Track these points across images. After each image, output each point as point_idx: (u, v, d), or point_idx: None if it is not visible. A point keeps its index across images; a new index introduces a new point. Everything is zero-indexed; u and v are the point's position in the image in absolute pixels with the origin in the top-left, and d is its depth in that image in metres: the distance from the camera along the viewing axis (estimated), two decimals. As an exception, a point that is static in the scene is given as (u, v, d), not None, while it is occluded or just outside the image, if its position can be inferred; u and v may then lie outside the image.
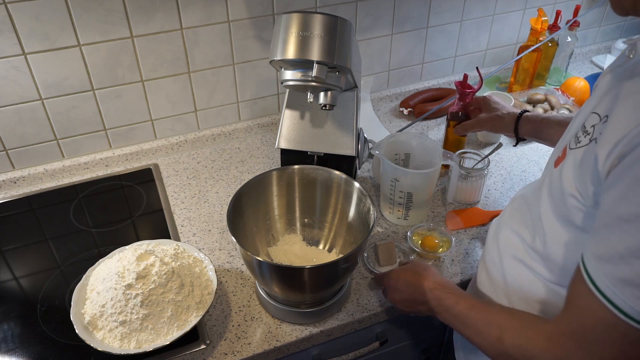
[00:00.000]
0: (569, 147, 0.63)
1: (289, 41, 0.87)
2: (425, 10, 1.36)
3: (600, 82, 0.66)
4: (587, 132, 0.60)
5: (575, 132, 0.63)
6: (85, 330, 0.79)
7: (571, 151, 0.62)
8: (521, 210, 0.76)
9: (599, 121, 0.58)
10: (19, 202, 1.14)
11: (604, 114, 0.58)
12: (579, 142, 0.61)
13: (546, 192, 0.67)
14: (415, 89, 1.48)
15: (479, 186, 1.10)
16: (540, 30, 1.37)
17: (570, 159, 0.62)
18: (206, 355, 0.83)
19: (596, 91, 0.65)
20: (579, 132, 0.62)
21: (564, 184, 0.62)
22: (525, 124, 0.98)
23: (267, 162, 1.26)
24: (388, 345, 1.03)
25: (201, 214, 1.11)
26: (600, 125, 0.58)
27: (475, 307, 0.71)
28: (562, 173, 0.62)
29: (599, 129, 0.57)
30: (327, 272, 0.81)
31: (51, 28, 1.03)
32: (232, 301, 0.92)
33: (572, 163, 0.61)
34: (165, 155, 1.28)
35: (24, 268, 1.00)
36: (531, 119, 0.98)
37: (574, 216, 0.61)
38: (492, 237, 0.82)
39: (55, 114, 1.13)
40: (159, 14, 1.10)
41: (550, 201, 0.66)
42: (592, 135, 0.58)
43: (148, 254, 0.84)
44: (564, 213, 0.63)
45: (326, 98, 0.93)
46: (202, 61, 1.20)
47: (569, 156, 0.62)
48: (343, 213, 0.97)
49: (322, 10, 1.24)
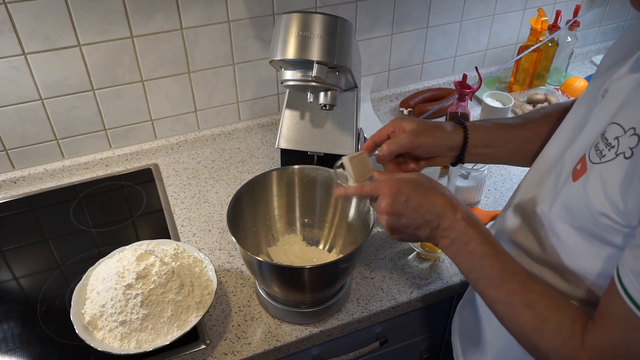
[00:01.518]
0: (590, 159, 0.57)
1: (289, 41, 0.87)
2: (425, 10, 1.36)
3: (613, 87, 0.60)
4: (611, 145, 0.55)
5: (593, 143, 0.58)
6: (85, 330, 0.79)
7: (595, 166, 0.56)
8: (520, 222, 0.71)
9: (624, 134, 0.54)
10: (19, 202, 1.14)
11: (630, 126, 0.54)
12: (603, 156, 0.55)
13: (561, 207, 0.61)
14: (415, 89, 1.48)
15: (479, 186, 1.10)
16: (540, 30, 1.37)
17: (595, 175, 0.56)
18: (206, 355, 0.83)
19: (610, 98, 0.60)
20: (599, 143, 0.57)
21: (591, 203, 0.56)
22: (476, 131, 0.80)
23: (267, 162, 1.26)
24: (388, 345, 1.03)
25: (201, 214, 1.11)
26: (627, 138, 0.53)
27: (508, 272, 0.62)
28: (587, 190, 0.57)
29: (626, 142, 0.53)
30: (327, 272, 0.81)
31: (51, 28, 1.03)
32: (232, 301, 0.92)
33: (599, 180, 0.55)
34: (165, 155, 1.28)
35: (24, 268, 1.00)
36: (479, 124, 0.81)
37: (608, 235, 0.57)
38: None
39: (55, 114, 1.13)
40: (159, 14, 1.10)
41: (570, 218, 0.60)
42: (619, 149, 0.54)
43: (148, 254, 0.84)
44: (592, 231, 0.58)
45: (326, 98, 0.93)
46: (202, 61, 1.20)
47: (593, 171, 0.56)
48: (343, 213, 0.97)
49: (322, 10, 1.24)
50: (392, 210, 0.67)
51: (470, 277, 0.66)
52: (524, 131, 0.81)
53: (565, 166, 0.63)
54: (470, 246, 0.65)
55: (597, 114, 0.61)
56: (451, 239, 0.66)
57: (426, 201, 0.67)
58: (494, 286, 0.63)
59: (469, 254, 0.65)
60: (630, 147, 0.53)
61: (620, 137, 0.54)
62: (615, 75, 0.61)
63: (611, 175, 0.54)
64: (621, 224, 0.54)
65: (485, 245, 0.65)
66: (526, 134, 0.81)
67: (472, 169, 1.08)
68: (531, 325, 0.59)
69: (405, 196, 0.67)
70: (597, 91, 0.64)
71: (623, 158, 0.53)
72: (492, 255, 0.64)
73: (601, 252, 0.58)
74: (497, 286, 0.62)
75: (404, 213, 0.67)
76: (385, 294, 0.93)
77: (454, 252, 0.67)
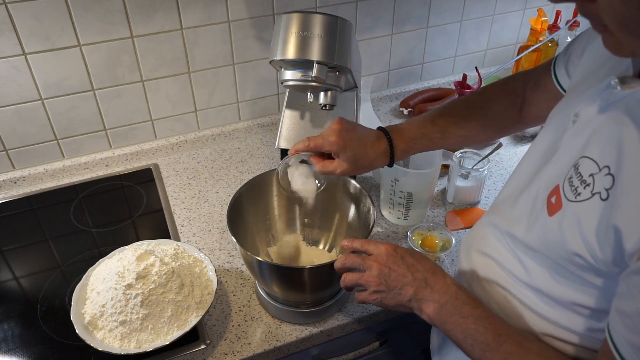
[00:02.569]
0: (565, 195, 0.57)
1: (289, 41, 0.87)
2: (425, 10, 1.36)
3: (584, 113, 0.59)
4: (587, 183, 0.54)
5: (566, 175, 0.58)
6: (86, 330, 0.79)
7: (570, 204, 0.56)
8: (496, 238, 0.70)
9: (599, 171, 0.53)
10: (19, 202, 1.14)
11: (604, 164, 0.53)
12: (579, 195, 0.55)
13: (537, 238, 0.61)
14: (415, 89, 1.48)
15: (479, 186, 1.10)
16: (540, 30, 1.37)
17: (571, 214, 0.55)
18: (206, 355, 0.83)
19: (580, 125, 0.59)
20: (573, 178, 0.56)
21: (567, 242, 0.55)
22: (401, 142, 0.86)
23: (267, 162, 1.26)
24: (388, 345, 1.03)
25: (201, 214, 1.11)
26: (602, 177, 0.53)
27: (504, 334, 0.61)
28: (563, 229, 0.56)
29: (601, 182, 0.52)
30: (327, 272, 0.81)
31: (51, 28, 1.03)
32: (232, 301, 0.92)
33: (575, 220, 0.55)
34: (165, 155, 1.28)
35: (24, 268, 1.00)
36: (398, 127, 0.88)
37: (585, 274, 0.56)
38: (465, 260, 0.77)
39: (55, 114, 1.13)
40: (159, 14, 1.10)
41: (546, 250, 0.60)
42: (594, 188, 0.53)
43: (148, 254, 0.84)
44: (569, 268, 0.57)
45: (326, 98, 0.93)
46: (202, 61, 1.20)
47: (568, 210, 0.56)
48: (343, 213, 0.97)
49: (322, 10, 1.24)
50: (386, 262, 0.69)
51: (465, 343, 0.64)
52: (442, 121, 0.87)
53: (538, 192, 0.62)
54: (464, 310, 0.64)
55: (569, 142, 0.60)
56: (441, 303, 0.65)
57: (419, 263, 0.69)
58: (492, 350, 0.61)
59: (462, 318, 0.63)
60: (605, 188, 0.52)
61: (596, 175, 0.54)
62: (585, 99, 0.60)
63: (587, 216, 0.53)
64: (595, 267, 0.54)
65: (479, 309, 0.64)
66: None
67: (472, 168, 1.08)
68: None
69: (401, 253, 0.70)
70: (568, 113, 0.63)
71: (599, 199, 0.53)
72: (487, 319, 0.63)
73: (581, 287, 0.58)
74: (494, 349, 0.61)
75: (395, 268, 0.69)
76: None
77: (444, 318, 0.65)
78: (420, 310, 0.67)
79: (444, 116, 0.88)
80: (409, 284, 0.67)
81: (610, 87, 0.55)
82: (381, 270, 0.69)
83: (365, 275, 0.70)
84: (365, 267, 0.71)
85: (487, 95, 0.90)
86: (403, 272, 0.68)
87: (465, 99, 0.91)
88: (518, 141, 1.31)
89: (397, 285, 0.68)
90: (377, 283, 0.69)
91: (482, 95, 0.91)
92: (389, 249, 0.71)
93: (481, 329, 0.62)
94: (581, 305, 0.59)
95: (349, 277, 0.73)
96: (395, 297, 0.68)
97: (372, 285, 0.69)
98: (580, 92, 0.64)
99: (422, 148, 0.89)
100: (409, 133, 0.87)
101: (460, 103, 0.91)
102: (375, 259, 0.70)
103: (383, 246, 0.71)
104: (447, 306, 0.65)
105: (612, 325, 0.51)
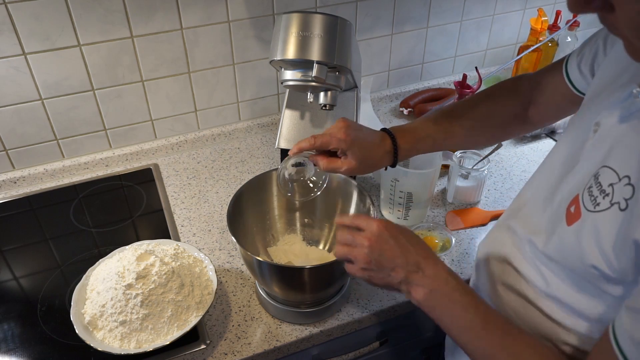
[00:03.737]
0: (584, 205, 0.56)
1: (289, 41, 0.87)
2: (425, 10, 1.36)
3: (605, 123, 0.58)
4: (606, 193, 0.53)
5: (586, 185, 0.57)
6: (85, 330, 0.79)
7: (590, 214, 0.55)
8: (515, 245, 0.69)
9: (618, 181, 0.53)
10: (19, 202, 1.14)
11: (624, 174, 0.52)
12: (597, 205, 0.54)
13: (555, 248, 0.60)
14: (415, 89, 1.48)
15: (479, 186, 1.10)
16: (540, 30, 1.37)
17: (589, 224, 0.55)
18: (206, 355, 0.83)
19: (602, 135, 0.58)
20: (592, 188, 0.55)
21: (584, 253, 0.55)
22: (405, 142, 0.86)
23: (267, 162, 1.26)
24: (388, 345, 1.03)
25: (201, 214, 1.11)
26: (621, 187, 0.52)
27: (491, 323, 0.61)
28: (581, 239, 0.55)
29: (621, 192, 0.52)
30: (327, 272, 0.81)
31: (51, 28, 1.03)
32: (232, 301, 0.92)
33: (593, 231, 0.54)
34: (165, 155, 1.28)
35: (24, 268, 1.00)
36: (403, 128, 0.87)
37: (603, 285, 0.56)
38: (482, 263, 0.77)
39: (55, 114, 1.13)
40: (159, 14, 1.10)
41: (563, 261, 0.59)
42: (613, 198, 0.52)
43: (148, 254, 0.84)
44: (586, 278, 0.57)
45: (326, 98, 0.93)
46: (202, 61, 1.20)
47: (587, 220, 0.55)
48: (343, 213, 0.97)
49: (322, 10, 1.24)
50: (378, 240, 0.66)
51: (453, 330, 0.64)
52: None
53: (560, 203, 0.61)
54: (453, 296, 0.63)
55: (590, 152, 0.60)
56: (431, 288, 0.64)
57: (412, 245, 0.67)
58: (479, 338, 0.61)
59: (451, 304, 0.63)
60: (625, 198, 0.52)
61: (615, 185, 0.53)
62: (606, 108, 0.60)
63: (605, 227, 0.53)
64: (613, 278, 0.54)
65: (469, 296, 0.63)
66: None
67: (472, 168, 1.08)
68: None
69: (394, 233, 0.67)
70: (589, 122, 0.62)
71: (618, 209, 0.52)
72: (475, 307, 0.63)
73: (600, 297, 0.57)
74: (481, 338, 0.61)
75: (387, 249, 0.66)
76: (385, 293, 0.93)
77: (433, 303, 0.64)
78: (410, 294, 0.66)
79: (448, 117, 0.88)
80: (401, 267, 0.65)
81: (632, 96, 0.55)
82: (372, 249, 0.66)
83: (355, 250, 0.68)
84: (356, 244, 0.68)
85: (493, 96, 0.90)
86: (395, 253, 0.65)
87: (470, 100, 0.91)
88: (518, 141, 1.31)
89: (388, 267, 0.66)
90: (366, 261, 0.66)
91: (488, 96, 0.90)
92: (380, 226, 0.67)
93: (469, 316, 0.62)
94: (601, 315, 0.58)
95: (339, 249, 0.70)
96: (385, 278, 0.66)
97: (361, 262, 0.67)
98: (600, 100, 0.64)
99: (425, 148, 0.89)
100: (412, 133, 0.87)
101: (465, 103, 0.90)
102: (366, 235, 0.67)
103: (375, 223, 0.67)
104: (437, 292, 0.64)
105: (618, 321, 0.51)
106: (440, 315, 0.64)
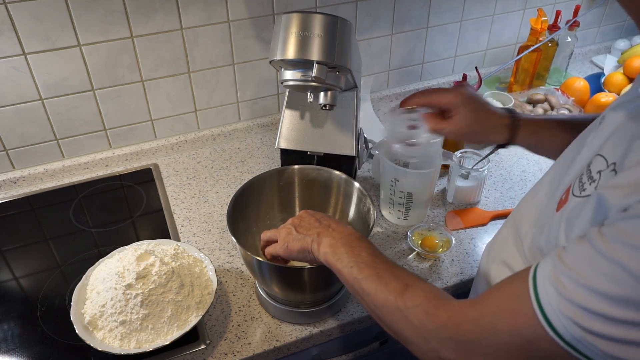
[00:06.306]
0: (573, 192, 0.55)
1: (289, 41, 0.87)
2: (425, 10, 1.36)
3: (609, 116, 0.58)
4: (593, 179, 0.52)
5: (579, 173, 0.56)
6: (85, 330, 0.79)
7: (574, 198, 0.54)
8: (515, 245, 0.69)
9: (606, 167, 0.51)
10: (19, 202, 1.14)
11: (612, 160, 0.51)
12: (584, 190, 0.53)
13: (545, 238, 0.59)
14: (415, 88, 1.48)
15: (479, 186, 1.10)
16: (540, 30, 1.37)
17: (571, 207, 0.54)
18: (206, 355, 0.83)
19: (604, 127, 0.58)
20: (583, 176, 0.55)
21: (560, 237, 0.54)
22: (527, 125, 0.81)
23: (267, 162, 1.26)
24: (388, 345, 1.03)
25: (201, 214, 1.11)
26: (607, 174, 0.51)
27: (380, 258, 0.67)
28: (563, 223, 0.54)
29: (606, 178, 0.51)
30: (327, 272, 0.81)
31: (51, 28, 1.03)
32: (232, 301, 0.92)
33: (573, 215, 0.53)
34: (165, 155, 1.28)
35: (24, 268, 1.00)
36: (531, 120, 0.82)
37: None
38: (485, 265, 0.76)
39: (55, 114, 1.13)
40: (159, 14, 1.10)
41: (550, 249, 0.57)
42: (599, 185, 0.51)
43: (148, 254, 0.84)
44: None
45: (326, 98, 0.93)
46: (202, 61, 1.20)
47: (571, 203, 0.54)
48: (343, 213, 0.97)
49: (322, 10, 1.24)
50: (299, 217, 0.78)
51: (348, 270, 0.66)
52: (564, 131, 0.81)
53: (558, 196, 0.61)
54: (354, 243, 0.69)
55: (591, 143, 0.59)
56: (337, 238, 0.70)
57: (328, 218, 0.77)
58: (367, 266, 0.65)
59: (351, 249, 0.68)
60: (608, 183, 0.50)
61: (603, 172, 0.52)
62: (614, 106, 0.59)
63: (585, 212, 0.51)
64: None
65: (367, 242, 0.70)
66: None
67: (472, 168, 1.08)
68: (398, 289, 0.61)
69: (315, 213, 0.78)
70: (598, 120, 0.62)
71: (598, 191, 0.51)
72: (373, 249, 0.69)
73: None
74: (370, 266, 0.65)
75: (306, 218, 0.77)
76: (385, 294, 0.93)
77: (337, 249, 0.69)
78: (319, 250, 0.71)
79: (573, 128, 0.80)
80: (315, 228, 0.74)
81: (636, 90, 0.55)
82: (293, 222, 0.77)
83: (282, 230, 0.77)
84: (282, 226, 0.78)
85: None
86: (312, 221, 0.76)
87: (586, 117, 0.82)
88: (518, 141, 1.31)
89: (304, 230, 0.75)
90: (287, 232, 0.76)
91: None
92: (302, 211, 0.79)
93: (363, 254, 0.67)
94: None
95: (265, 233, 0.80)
96: (300, 241, 0.73)
97: (283, 234, 0.76)
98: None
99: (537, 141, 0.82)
100: (539, 121, 0.82)
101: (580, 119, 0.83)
102: (290, 219, 0.79)
103: (290, 219, 0.79)
104: (341, 240, 0.70)
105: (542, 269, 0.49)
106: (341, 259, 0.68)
